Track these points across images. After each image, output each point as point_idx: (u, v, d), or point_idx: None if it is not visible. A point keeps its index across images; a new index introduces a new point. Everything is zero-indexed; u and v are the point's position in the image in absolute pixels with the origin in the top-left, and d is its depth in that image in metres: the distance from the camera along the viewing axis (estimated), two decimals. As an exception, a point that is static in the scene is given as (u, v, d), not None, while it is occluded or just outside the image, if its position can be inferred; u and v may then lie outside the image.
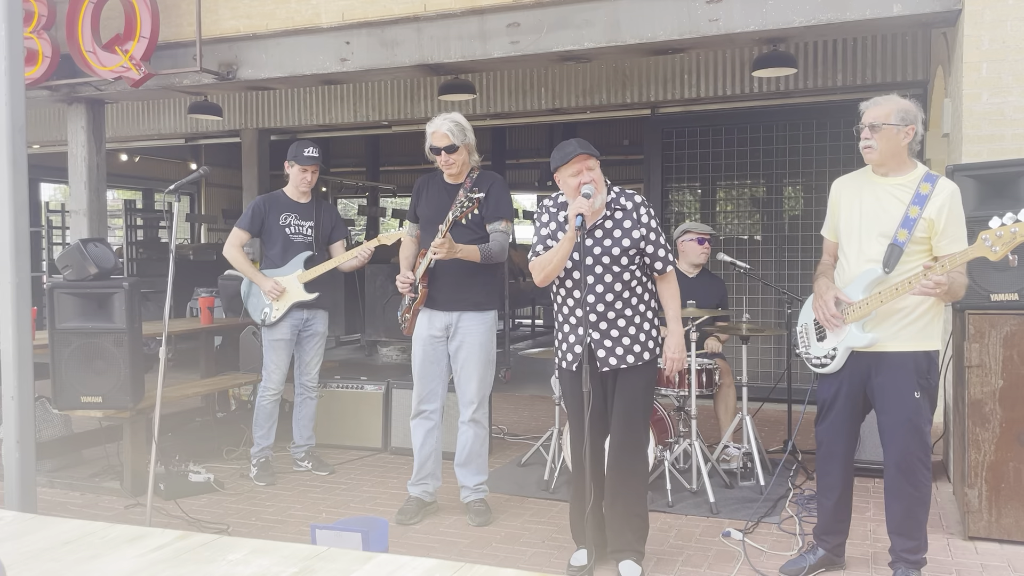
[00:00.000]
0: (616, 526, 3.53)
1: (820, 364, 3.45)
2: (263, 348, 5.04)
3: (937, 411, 5.22)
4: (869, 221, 3.27)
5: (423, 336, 4.21)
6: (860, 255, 3.29)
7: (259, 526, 4.24)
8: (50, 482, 4.92)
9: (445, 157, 4.07)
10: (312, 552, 1.46)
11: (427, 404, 4.26)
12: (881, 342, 3.25)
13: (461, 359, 4.17)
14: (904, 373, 3.22)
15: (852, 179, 3.44)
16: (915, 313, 3.22)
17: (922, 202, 3.16)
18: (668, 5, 5.07)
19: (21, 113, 3.71)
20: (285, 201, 5.05)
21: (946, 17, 4.65)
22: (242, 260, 4.96)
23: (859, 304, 3.25)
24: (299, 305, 4.97)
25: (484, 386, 4.22)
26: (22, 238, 3.71)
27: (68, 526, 1.63)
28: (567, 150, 3.32)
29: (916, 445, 3.21)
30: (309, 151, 4.99)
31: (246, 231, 4.98)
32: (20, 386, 3.69)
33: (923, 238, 3.18)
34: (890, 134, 3.20)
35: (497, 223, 4.12)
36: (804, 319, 3.59)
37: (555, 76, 7.89)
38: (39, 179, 13.53)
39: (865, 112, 3.28)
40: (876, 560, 3.65)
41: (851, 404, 3.39)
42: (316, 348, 5.14)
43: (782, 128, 7.55)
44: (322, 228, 5.10)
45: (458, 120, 4.07)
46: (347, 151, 15.68)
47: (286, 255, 4.99)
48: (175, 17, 6.22)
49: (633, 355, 3.43)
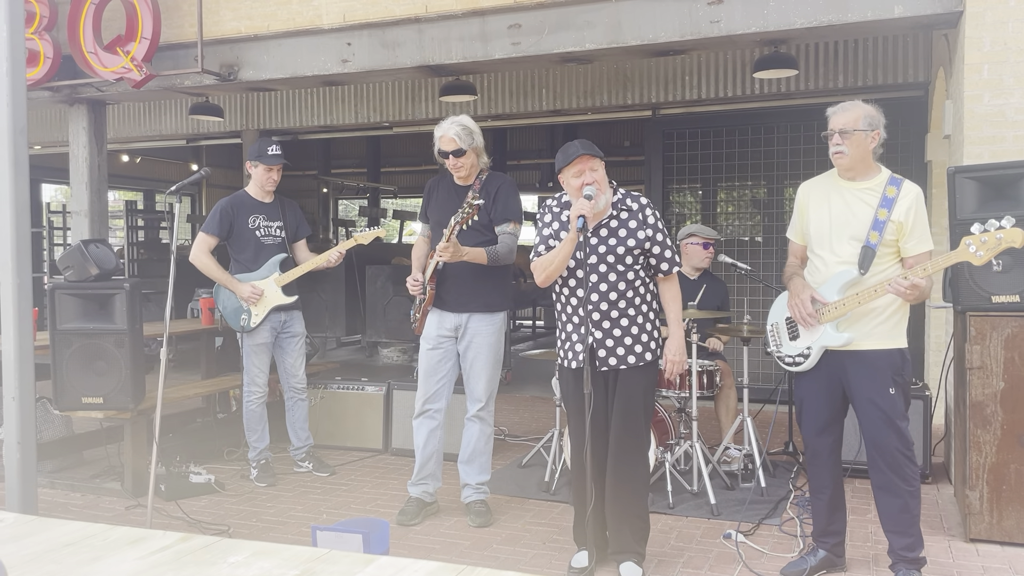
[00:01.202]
0: (617, 528, 3.53)
1: (793, 362, 3.50)
2: (243, 353, 4.96)
3: (938, 413, 5.24)
4: (839, 225, 3.35)
5: (432, 336, 4.23)
6: (834, 257, 3.35)
7: (260, 527, 4.24)
8: (51, 483, 4.92)
9: (453, 161, 4.10)
10: (313, 554, 1.46)
11: (432, 403, 4.27)
12: (856, 341, 3.32)
13: (470, 358, 4.20)
14: (879, 370, 3.29)
15: (818, 183, 3.51)
16: (886, 312, 3.30)
17: (889, 205, 3.26)
18: (669, 6, 5.07)
19: (23, 114, 3.71)
20: (251, 202, 4.97)
21: (947, 19, 4.65)
22: (213, 267, 4.84)
23: (835, 304, 3.32)
24: (277, 308, 4.92)
25: (492, 385, 4.24)
26: (23, 239, 3.72)
27: (69, 528, 1.63)
28: (570, 151, 3.33)
29: (897, 440, 3.27)
30: (273, 149, 4.90)
31: (215, 235, 4.86)
32: (21, 387, 3.69)
33: (892, 240, 3.28)
34: (859, 139, 3.28)
35: (505, 224, 4.14)
36: (774, 318, 3.65)
37: (556, 77, 7.89)
38: (40, 180, 13.53)
39: (833, 117, 3.34)
40: (877, 562, 3.65)
41: (830, 402, 3.44)
42: (298, 349, 5.10)
43: (783, 129, 7.54)
44: (289, 227, 5.05)
45: (466, 124, 4.08)
46: (348, 152, 15.68)
47: (259, 258, 4.91)
48: (176, 18, 6.23)
49: (634, 355, 3.43)
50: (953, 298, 4.00)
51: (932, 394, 4.87)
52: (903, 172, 4.45)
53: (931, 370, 6.22)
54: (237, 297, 4.86)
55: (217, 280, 4.90)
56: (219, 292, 4.96)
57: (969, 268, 3.71)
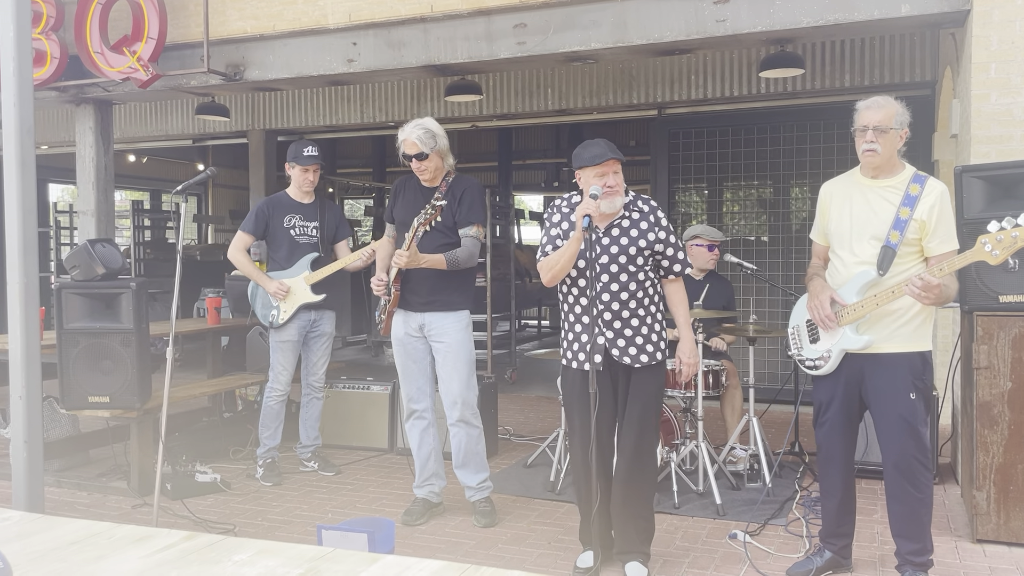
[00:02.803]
0: (622, 527, 3.52)
1: (813, 366, 3.44)
2: (270, 349, 5.05)
3: (945, 413, 5.22)
4: (860, 224, 3.28)
5: (400, 336, 4.25)
6: (853, 257, 3.29)
7: (265, 526, 4.25)
8: (57, 482, 4.94)
9: (416, 164, 4.12)
10: (318, 553, 1.46)
11: (416, 403, 4.28)
12: (876, 344, 3.25)
13: (439, 360, 4.20)
14: (900, 374, 3.22)
15: (840, 182, 3.45)
16: (908, 314, 3.22)
17: (912, 203, 3.18)
18: (675, 6, 5.06)
19: (29, 114, 3.73)
20: (289, 203, 5.05)
21: (954, 17, 4.63)
22: (247, 263, 4.98)
23: (854, 307, 3.25)
24: (306, 306, 4.98)
25: (467, 386, 4.18)
26: (30, 238, 3.73)
27: (74, 526, 1.63)
28: (596, 151, 3.31)
29: (914, 446, 3.21)
30: (308, 150, 4.98)
31: (250, 234, 4.98)
32: (28, 386, 3.71)
33: (914, 239, 3.20)
34: (892, 137, 3.22)
35: (468, 228, 4.14)
36: (795, 320, 3.59)
37: (562, 77, 7.88)
38: (47, 179, 13.56)
39: (866, 112, 3.24)
40: (883, 563, 3.64)
41: (847, 406, 3.39)
42: (323, 349, 5.16)
43: (789, 129, 7.52)
44: (327, 228, 5.11)
45: (428, 127, 4.09)
46: (354, 152, 15.69)
47: (292, 257, 4.99)
48: (183, 18, 6.24)
49: (647, 354, 3.43)
50: (960, 298, 3.98)
51: (939, 394, 4.85)
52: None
53: (938, 370, 6.18)
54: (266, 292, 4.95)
55: (248, 275, 5.03)
56: (255, 289, 5.06)
57: (976, 268, 3.68)
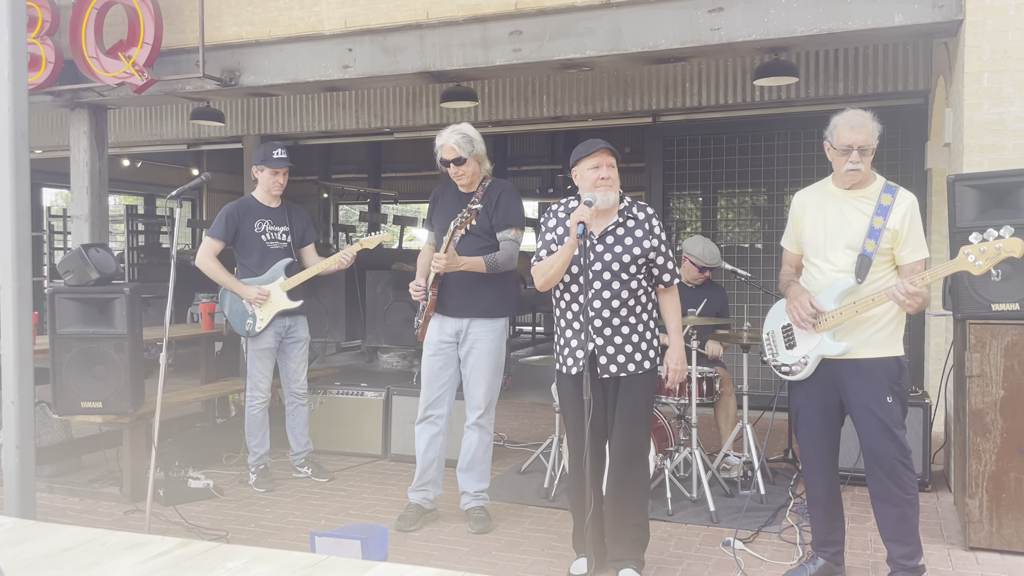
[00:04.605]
0: (616, 534, 3.53)
1: (789, 371, 3.49)
2: (247, 358, 4.97)
3: (938, 421, 5.23)
4: (834, 234, 3.34)
5: (434, 341, 4.24)
6: (829, 266, 3.35)
7: (258, 532, 4.23)
8: (49, 487, 4.92)
9: (454, 169, 4.13)
10: (311, 560, 1.45)
11: (434, 409, 4.27)
12: (853, 349, 3.31)
13: (470, 364, 4.20)
14: (877, 379, 3.29)
15: (813, 192, 3.51)
16: (883, 320, 3.30)
17: (884, 213, 3.26)
18: (670, 14, 5.08)
19: (24, 118, 3.72)
20: (258, 207, 4.96)
21: (947, 27, 4.66)
22: (218, 270, 4.85)
23: (832, 313, 3.31)
24: (282, 313, 4.93)
25: (492, 392, 4.24)
26: (24, 243, 3.72)
27: (68, 533, 1.63)
28: (590, 144, 3.39)
29: (895, 448, 3.27)
30: (278, 153, 4.88)
31: (220, 240, 4.87)
32: (20, 391, 3.69)
33: (887, 248, 3.28)
34: (871, 155, 3.29)
35: (506, 231, 4.15)
36: (770, 326, 3.64)
37: (557, 84, 7.90)
38: (41, 184, 13.53)
39: (848, 133, 3.24)
40: (876, 570, 3.64)
41: (827, 412, 3.43)
42: (301, 354, 5.11)
43: (783, 137, 7.55)
44: (296, 232, 5.05)
45: (466, 132, 4.10)
46: (349, 157, 15.70)
47: (264, 263, 4.91)
48: (178, 23, 6.24)
49: (634, 363, 3.44)
50: (953, 306, 4.00)
51: (932, 402, 4.87)
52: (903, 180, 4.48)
53: (931, 378, 6.22)
54: (242, 301, 4.86)
55: (222, 283, 4.89)
56: (224, 296, 4.95)
57: (969, 276, 3.71)
